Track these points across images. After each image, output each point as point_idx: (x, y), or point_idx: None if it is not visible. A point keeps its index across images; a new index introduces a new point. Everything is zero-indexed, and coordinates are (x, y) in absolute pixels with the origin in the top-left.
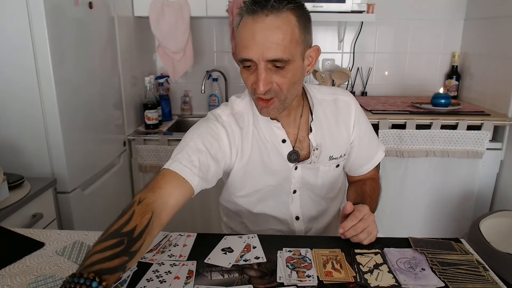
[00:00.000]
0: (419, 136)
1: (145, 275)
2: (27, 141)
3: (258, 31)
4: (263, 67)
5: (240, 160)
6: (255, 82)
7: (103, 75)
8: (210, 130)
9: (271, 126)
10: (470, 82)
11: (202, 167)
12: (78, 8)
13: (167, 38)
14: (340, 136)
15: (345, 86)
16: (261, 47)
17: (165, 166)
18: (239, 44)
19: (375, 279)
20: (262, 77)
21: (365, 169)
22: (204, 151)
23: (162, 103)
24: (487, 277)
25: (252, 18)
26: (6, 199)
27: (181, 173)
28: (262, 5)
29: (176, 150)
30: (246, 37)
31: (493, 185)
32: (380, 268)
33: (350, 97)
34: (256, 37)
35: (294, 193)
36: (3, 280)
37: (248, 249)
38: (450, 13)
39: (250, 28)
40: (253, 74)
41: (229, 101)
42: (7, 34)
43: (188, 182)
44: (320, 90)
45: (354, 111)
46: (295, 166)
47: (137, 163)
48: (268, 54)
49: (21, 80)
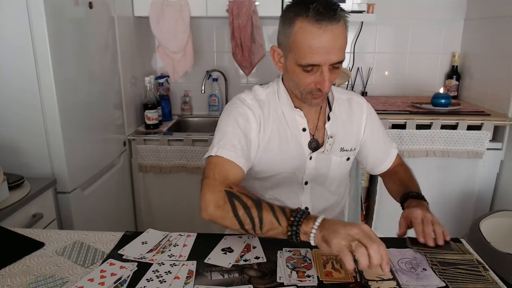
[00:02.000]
0: (419, 136)
1: (145, 275)
2: (27, 141)
3: (328, 39)
4: (327, 70)
5: (262, 140)
6: (318, 83)
7: (103, 75)
8: (239, 113)
9: (294, 114)
10: (470, 82)
11: (243, 149)
12: (78, 8)
13: (167, 38)
14: (352, 131)
15: (345, 86)
16: (329, 52)
17: (212, 154)
18: (302, 50)
19: (375, 282)
20: (328, 78)
21: (385, 166)
22: (240, 133)
23: (162, 103)
24: (487, 277)
25: (319, 27)
26: (6, 199)
27: (229, 157)
28: (329, 16)
29: (216, 137)
30: (314, 44)
31: (493, 185)
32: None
33: (363, 100)
34: (325, 44)
35: (305, 185)
36: (3, 280)
37: (248, 249)
38: (450, 13)
39: (317, 36)
40: (313, 76)
41: (252, 89)
42: (7, 34)
43: (237, 164)
44: (336, 90)
45: (366, 111)
46: (310, 156)
47: (137, 163)
48: (335, 58)
49: (21, 80)
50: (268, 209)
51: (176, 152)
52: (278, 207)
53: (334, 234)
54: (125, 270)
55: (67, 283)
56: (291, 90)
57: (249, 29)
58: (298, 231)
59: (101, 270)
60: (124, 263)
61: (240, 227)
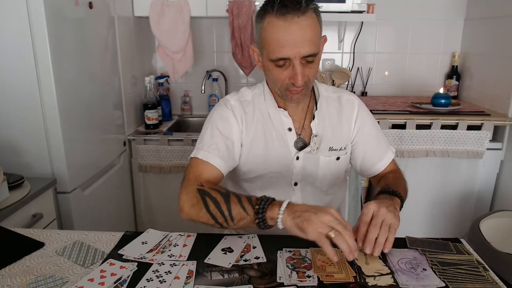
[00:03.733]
0: (419, 136)
1: (145, 275)
2: (27, 141)
3: (294, 31)
4: (298, 63)
5: (246, 139)
6: (291, 77)
7: (103, 75)
8: (219, 115)
9: (279, 113)
10: (470, 82)
11: (220, 149)
12: (78, 8)
13: (167, 38)
14: (341, 130)
15: (345, 86)
16: (298, 45)
17: (190, 156)
18: (271, 44)
19: (373, 278)
20: (300, 72)
21: (376, 170)
22: (217, 134)
23: (162, 103)
24: (487, 277)
25: (284, 20)
26: (6, 199)
27: (203, 158)
28: (294, 9)
29: (198, 140)
30: (281, 37)
31: (493, 185)
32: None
33: (354, 97)
34: (292, 37)
35: (295, 186)
36: (3, 280)
37: (248, 249)
38: (450, 13)
39: (284, 29)
40: (286, 71)
41: (240, 90)
42: (7, 34)
43: (211, 163)
44: (326, 88)
45: (357, 108)
46: (297, 156)
47: (137, 163)
48: (304, 51)
49: (21, 80)
50: (236, 201)
51: (176, 152)
52: (244, 197)
53: (309, 223)
54: (125, 270)
55: (67, 283)
56: (273, 89)
57: (249, 29)
58: (264, 217)
59: (101, 270)
60: (124, 263)
61: (214, 222)
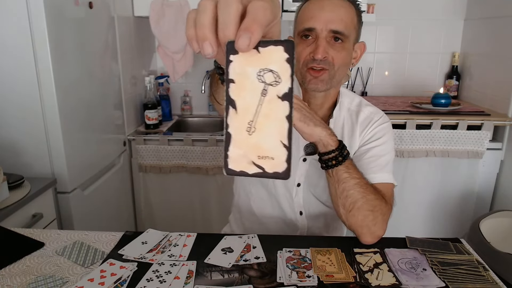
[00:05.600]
0: (419, 136)
1: (145, 275)
2: (27, 141)
3: (326, 5)
4: (324, 36)
5: None
6: (312, 52)
7: (103, 75)
8: None
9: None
10: (470, 82)
11: None
12: (78, 8)
13: (167, 38)
14: (350, 144)
15: (345, 86)
16: (327, 18)
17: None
18: (302, 17)
19: (375, 278)
20: (322, 44)
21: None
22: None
23: (162, 103)
24: (487, 277)
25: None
26: (6, 199)
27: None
28: None
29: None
30: (313, 9)
31: (493, 185)
32: (380, 267)
33: (380, 117)
34: (323, 9)
35: (298, 186)
36: (3, 280)
37: (248, 249)
38: (450, 13)
39: (318, 4)
40: (310, 46)
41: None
42: (7, 34)
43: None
44: (351, 101)
45: (373, 129)
46: (304, 158)
47: (137, 163)
48: (333, 25)
49: (21, 80)
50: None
51: (176, 152)
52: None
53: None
54: (125, 270)
55: (67, 283)
56: (297, 75)
57: None
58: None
59: (101, 270)
60: (124, 263)
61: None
